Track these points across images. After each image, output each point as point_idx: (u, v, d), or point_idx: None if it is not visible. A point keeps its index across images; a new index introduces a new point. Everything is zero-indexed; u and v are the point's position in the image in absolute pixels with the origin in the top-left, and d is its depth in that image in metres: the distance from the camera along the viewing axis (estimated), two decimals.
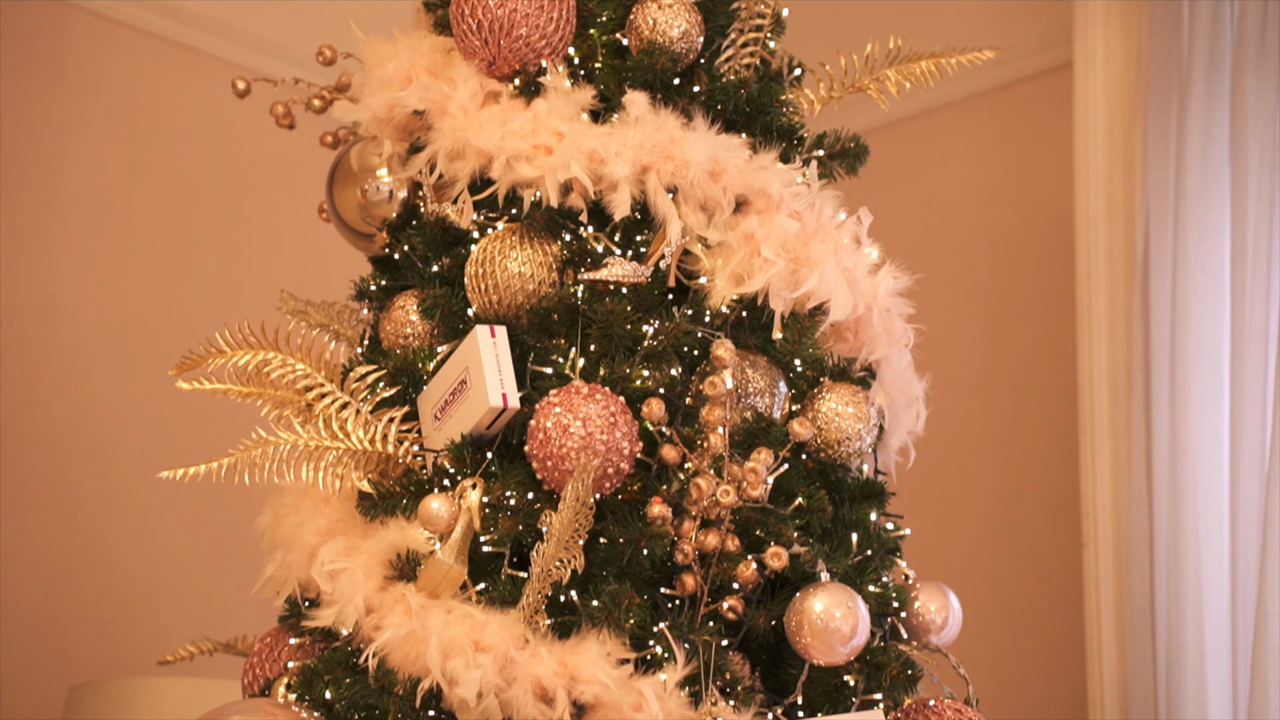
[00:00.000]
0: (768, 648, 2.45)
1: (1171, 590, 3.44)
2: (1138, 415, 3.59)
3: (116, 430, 4.01)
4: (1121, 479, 3.64)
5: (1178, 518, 3.45)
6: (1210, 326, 3.48)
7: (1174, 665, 3.40)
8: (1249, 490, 3.35)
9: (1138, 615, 3.52)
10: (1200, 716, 3.33)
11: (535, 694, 2.24)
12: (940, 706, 2.34)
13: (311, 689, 2.44)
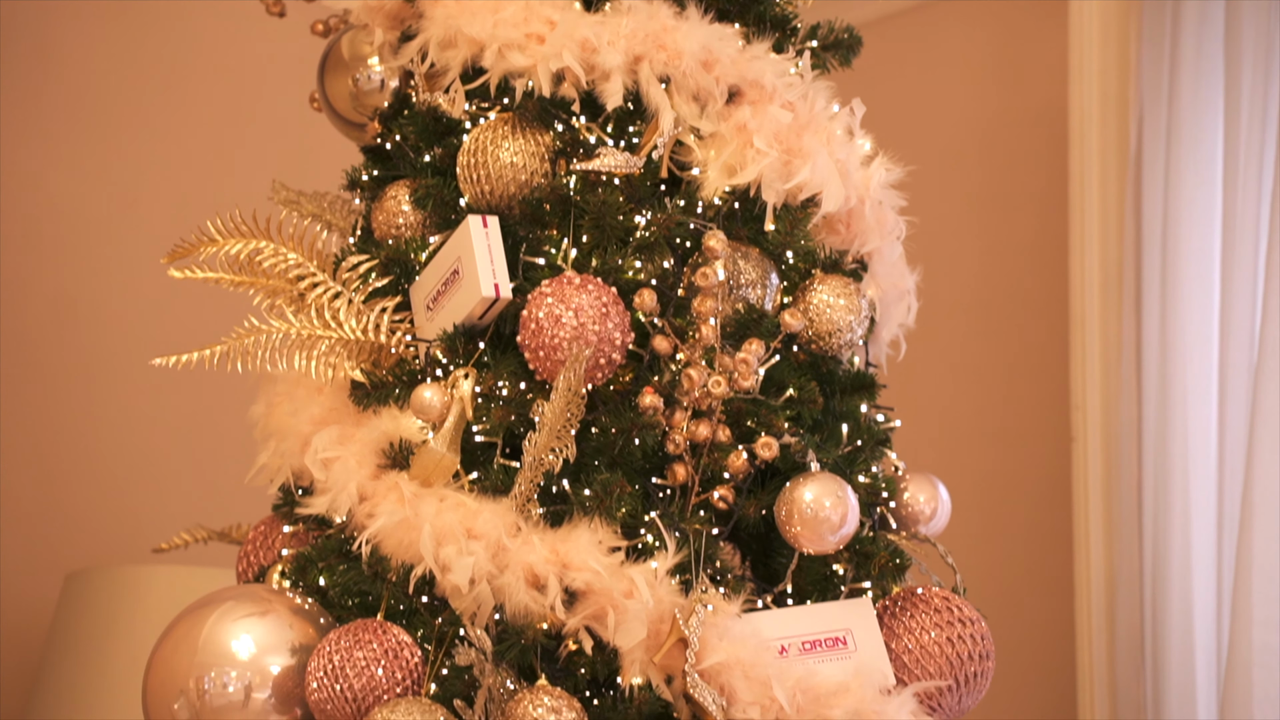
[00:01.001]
0: (758, 538, 2.47)
1: (1159, 484, 3.46)
2: (1128, 309, 3.59)
3: (111, 319, 4.02)
4: (1111, 373, 3.66)
5: (1166, 411, 3.47)
6: (1201, 222, 3.48)
7: (1159, 558, 3.43)
8: (1237, 384, 3.37)
9: (1125, 508, 3.55)
10: (1185, 607, 3.37)
11: (527, 581, 2.26)
12: (928, 595, 2.37)
13: (305, 576, 2.46)
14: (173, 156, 4.11)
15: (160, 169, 4.09)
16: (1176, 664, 3.36)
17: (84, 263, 4.01)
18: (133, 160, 4.08)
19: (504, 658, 2.25)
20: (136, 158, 4.08)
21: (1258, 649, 3.14)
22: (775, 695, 2.21)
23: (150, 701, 2.36)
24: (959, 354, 4.11)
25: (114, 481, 4.00)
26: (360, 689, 2.21)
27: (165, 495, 4.00)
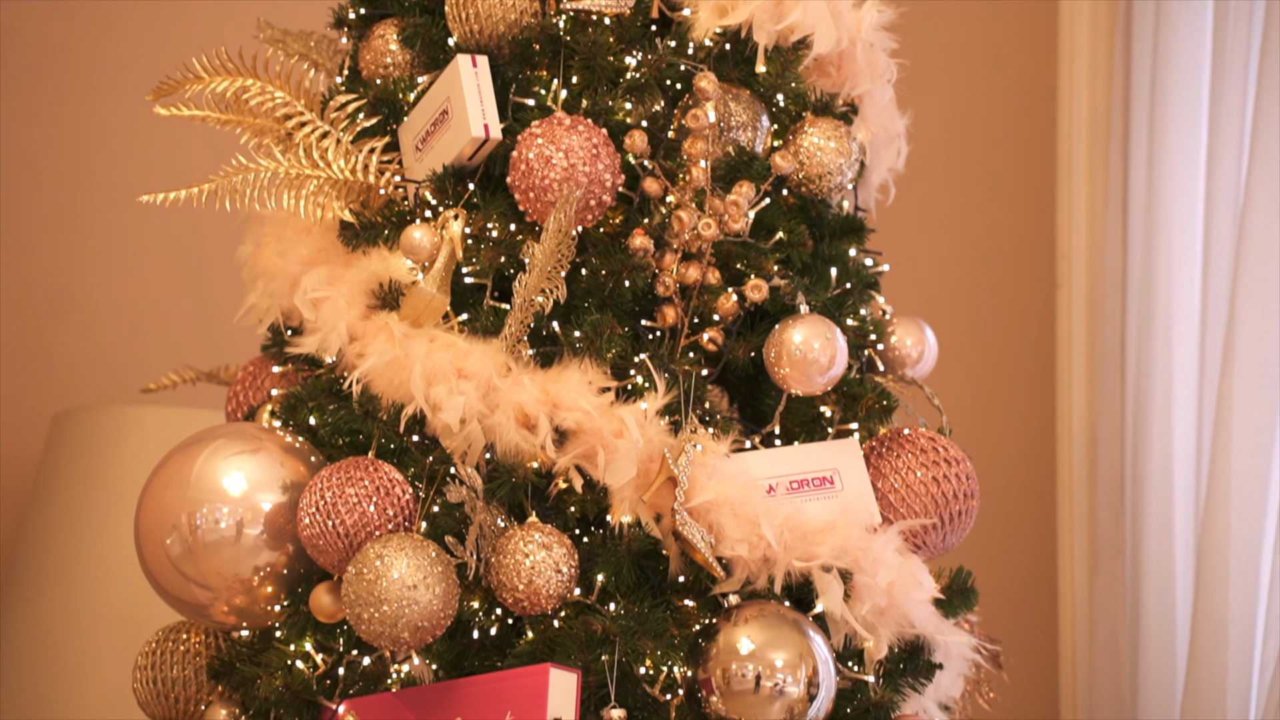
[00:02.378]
0: (745, 380, 2.48)
1: (1142, 331, 3.49)
2: (1115, 157, 3.59)
3: (98, 157, 3.99)
4: (1097, 220, 3.66)
5: (1151, 259, 3.48)
6: (1190, 68, 3.46)
7: (1141, 405, 3.46)
8: (1222, 232, 3.38)
9: (1108, 355, 3.57)
10: (1164, 452, 3.41)
11: (518, 420, 2.28)
12: (915, 435, 2.39)
13: (295, 415, 2.47)
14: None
15: (145, 2, 4.04)
16: (1155, 509, 3.41)
17: (70, 104, 3.97)
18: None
19: (494, 496, 2.27)
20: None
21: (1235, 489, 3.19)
22: (763, 533, 2.24)
23: (142, 538, 2.39)
24: (946, 200, 4.11)
25: (101, 321, 4.00)
26: (352, 525, 2.23)
27: (153, 336, 4.00)
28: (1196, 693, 3.21)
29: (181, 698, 2.48)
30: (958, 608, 2.42)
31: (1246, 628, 3.21)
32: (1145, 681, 3.35)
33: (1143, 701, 3.34)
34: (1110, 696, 3.45)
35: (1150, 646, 3.36)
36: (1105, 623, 3.49)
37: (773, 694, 2.18)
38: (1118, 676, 3.44)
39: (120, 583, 3.46)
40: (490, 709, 2.17)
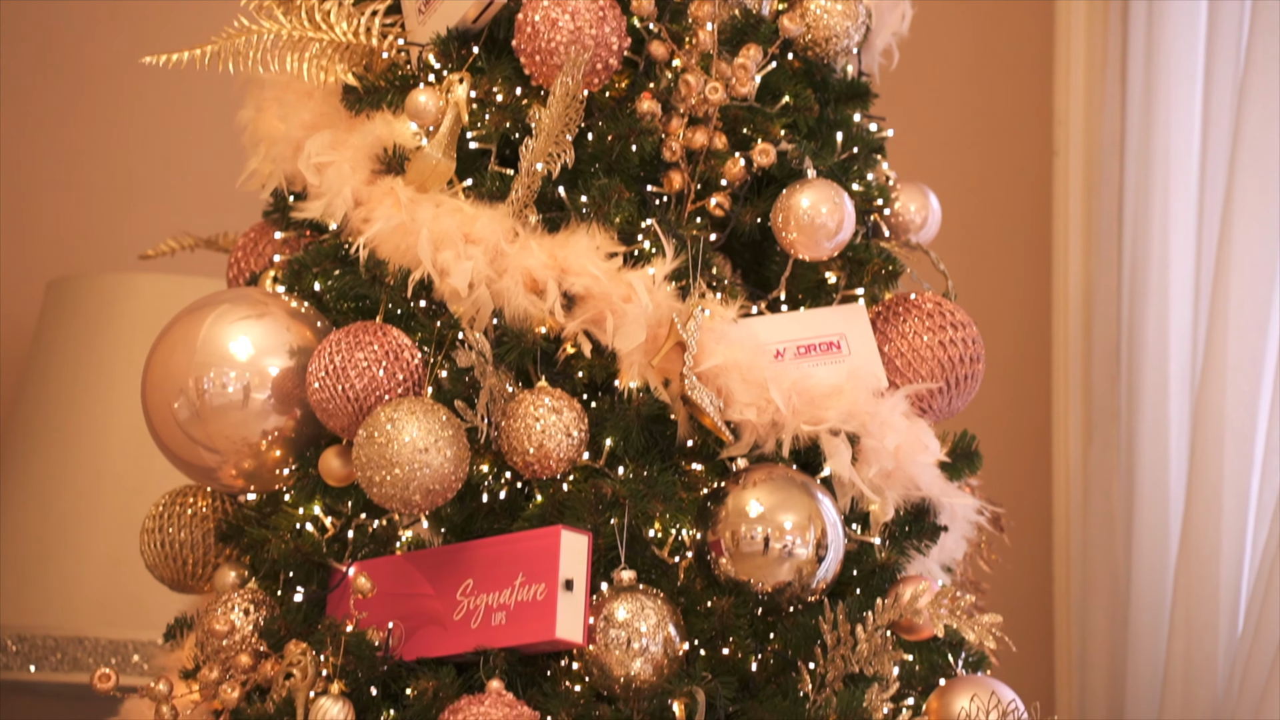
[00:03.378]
0: (750, 246, 2.48)
1: (1139, 196, 3.49)
2: (1114, 20, 3.57)
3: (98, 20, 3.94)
4: (1095, 86, 3.64)
5: (1149, 126, 3.47)
6: None
7: (1138, 267, 3.46)
8: (1221, 99, 3.37)
9: (1105, 221, 3.57)
10: (1161, 317, 3.42)
11: (526, 285, 2.27)
12: (920, 300, 2.40)
13: (299, 281, 2.47)
14: None
15: None
16: (1152, 375, 3.42)
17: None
18: None
19: (503, 361, 2.28)
20: None
21: (1232, 355, 3.21)
22: (771, 397, 2.25)
23: (149, 402, 2.39)
24: (946, 69, 4.08)
25: (98, 187, 3.97)
26: (362, 389, 2.24)
27: (150, 201, 3.97)
28: (1190, 559, 3.25)
29: (190, 560, 2.49)
30: (962, 471, 2.44)
31: (1241, 493, 3.24)
32: (1139, 548, 3.38)
33: (1136, 567, 3.38)
34: (1104, 562, 3.49)
35: (1145, 513, 3.39)
36: (1100, 489, 3.52)
37: (781, 556, 2.20)
38: (1111, 543, 3.48)
39: (119, 450, 3.47)
40: (501, 571, 2.19)
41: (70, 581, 3.43)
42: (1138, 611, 3.36)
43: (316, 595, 2.33)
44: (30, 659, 3.37)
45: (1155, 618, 3.34)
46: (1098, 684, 3.42)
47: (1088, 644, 3.48)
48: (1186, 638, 3.23)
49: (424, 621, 2.23)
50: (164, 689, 2.19)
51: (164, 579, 2.53)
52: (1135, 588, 3.38)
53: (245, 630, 2.28)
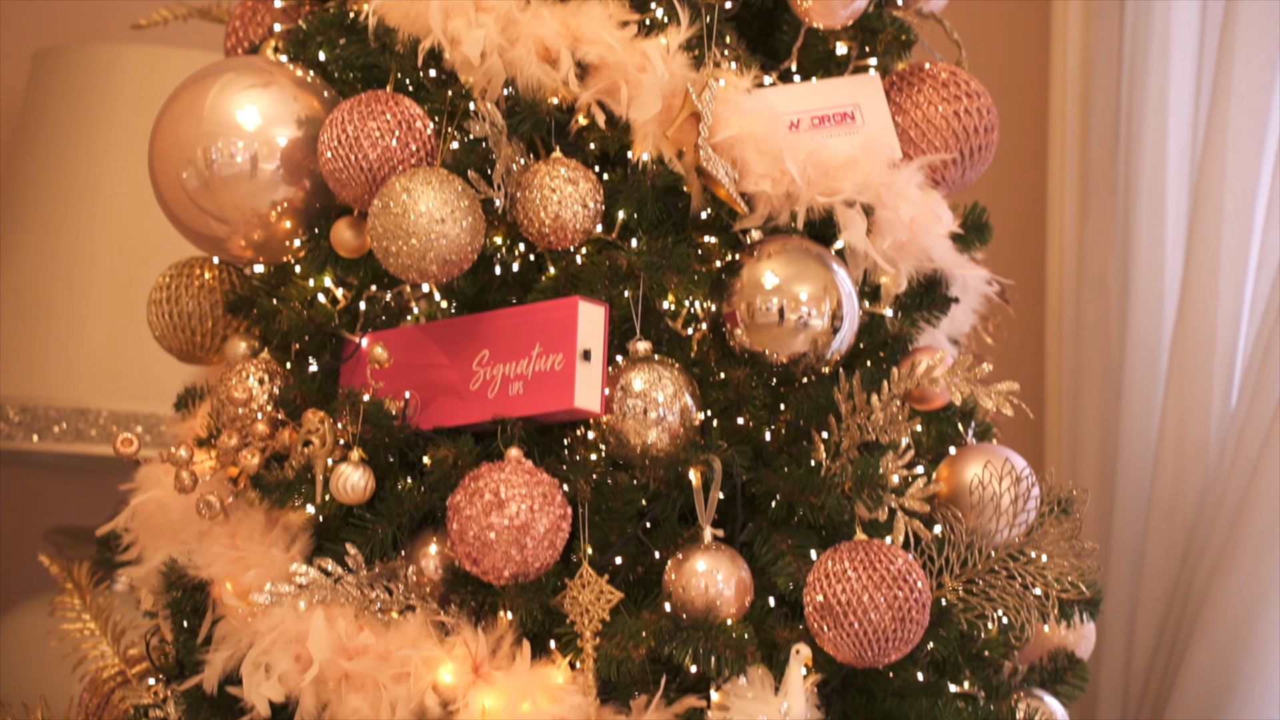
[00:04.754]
0: (760, 15, 2.44)
1: None
2: None
3: None
4: None
5: None
6: None
7: (1139, 39, 3.43)
8: None
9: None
10: (1161, 88, 3.39)
11: (539, 54, 2.24)
12: (934, 69, 2.38)
13: (304, 50, 2.43)
14: None
15: None
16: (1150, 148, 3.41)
17: None
18: None
19: (516, 132, 2.26)
20: None
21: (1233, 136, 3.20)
22: (786, 168, 2.24)
23: (157, 172, 2.37)
24: None
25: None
26: (376, 159, 2.21)
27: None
28: (1185, 337, 3.28)
29: (199, 331, 2.49)
30: (972, 242, 2.44)
31: (1238, 271, 3.27)
32: (1134, 326, 3.41)
33: (1130, 344, 3.41)
34: (1098, 340, 3.52)
35: (1140, 290, 3.41)
36: (1095, 265, 3.54)
37: (797, 326, 2.21)
38: (1105, 320, 3.51)
39: (111, 223, 3.45)
40: (518, 341, 2.20)
41: (71, 353, 3.43)
42: (1130, 387, 3.40)
43: (330, 366, 2.33)
44: (33, 429, 3.39)
45: (1148, 394, 3.38)
46: (1089, 460, 3.48)
47: (1079, 421, 3.52)
48: (1179, 413, 3.28)
49: (440, 392, 2.24)
50: (184, 455, 2.20)
51: (172, 350, 2.53)
52: (1129, 365, 3.41)
53: (261, 399, 2.29)
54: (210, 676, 2.18)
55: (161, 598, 2.28)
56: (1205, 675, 3.09)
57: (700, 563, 2.11)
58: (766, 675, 2.07)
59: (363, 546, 2.18)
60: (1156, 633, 3.25)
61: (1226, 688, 3.06)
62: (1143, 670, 3.26)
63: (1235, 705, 3.05)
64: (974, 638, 2.25)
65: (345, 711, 2.10)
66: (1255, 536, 3.07)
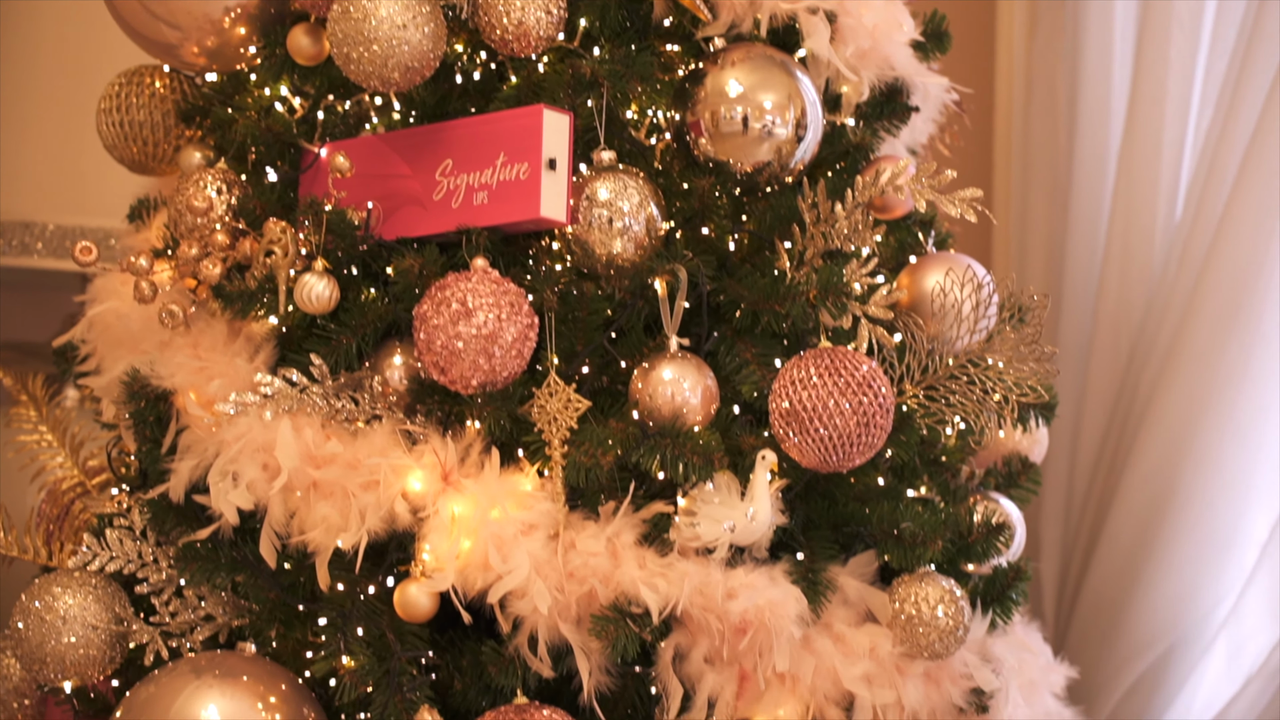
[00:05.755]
0: None
1: None
2: None
3: None
4: None
5: None
6: None
7: None
8: None
9: None
10: None
11: None
12: None
13: None
14: None
15: None
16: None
17: None
18: None
19: None
20: None
21: None
22: None
23: None
24: None
25: None
26: None
27: None
28: (1132, 148, 3.30)
29: (150, 140, 2.45)
30: (932, 51, 2.44)
31: (1186, 80, 3.27)
32: (1082, 135, 3.42)
33: (1078, 156, 3.42)
34: (1045, 151, 3.52)
35: (1088, 100, 3.41)
36: (1043, 74, 3.53)
37: (761, 135, 2.21)
38: (1054, 130, 3.51)
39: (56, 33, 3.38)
40: (482, 150, 2.18)
41: (14, 167, 3.37)
42: (1078, 198, 3.42)
43: (289, 176, 2.31)
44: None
45: (1095, 204, 3.40)
46: (1036, 271, 3.51)
47: (1027, 231, 3.54)
48: (1126, 224, 3.31)
49: (402, 202, 2.23)
50: (144, 264, 2.18)
51: (123, 160, 2.49)
52: (1076, 175, 3.43)
53: (220, 209, 2.27)
54: (176, 485, 2.19)
55: (124, 408, 2.27)
56: (1149, 478, 3.16)
57: (667, 371, 2.13)
58: (733, 481, 2.10)
59: (327, 357, 2.18)
60: (1101, 439, 3.31)
61: (1169, 490, 3.13)
62: (1087, 475, 3.33)
63: (1178, 506, 3.13)
64: (933, 443, 2.29)
65: (314, 519, 2.12)
66: (1199, 344, 3.12)
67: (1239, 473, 3.10)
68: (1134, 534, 3.17)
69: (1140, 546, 3.16)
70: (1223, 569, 3.14)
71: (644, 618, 2.04)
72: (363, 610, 2.12)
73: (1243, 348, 3.10)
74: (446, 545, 2.05)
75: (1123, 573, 3.18)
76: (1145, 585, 3.15)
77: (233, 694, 2.09)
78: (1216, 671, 3.20)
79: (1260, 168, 3.06)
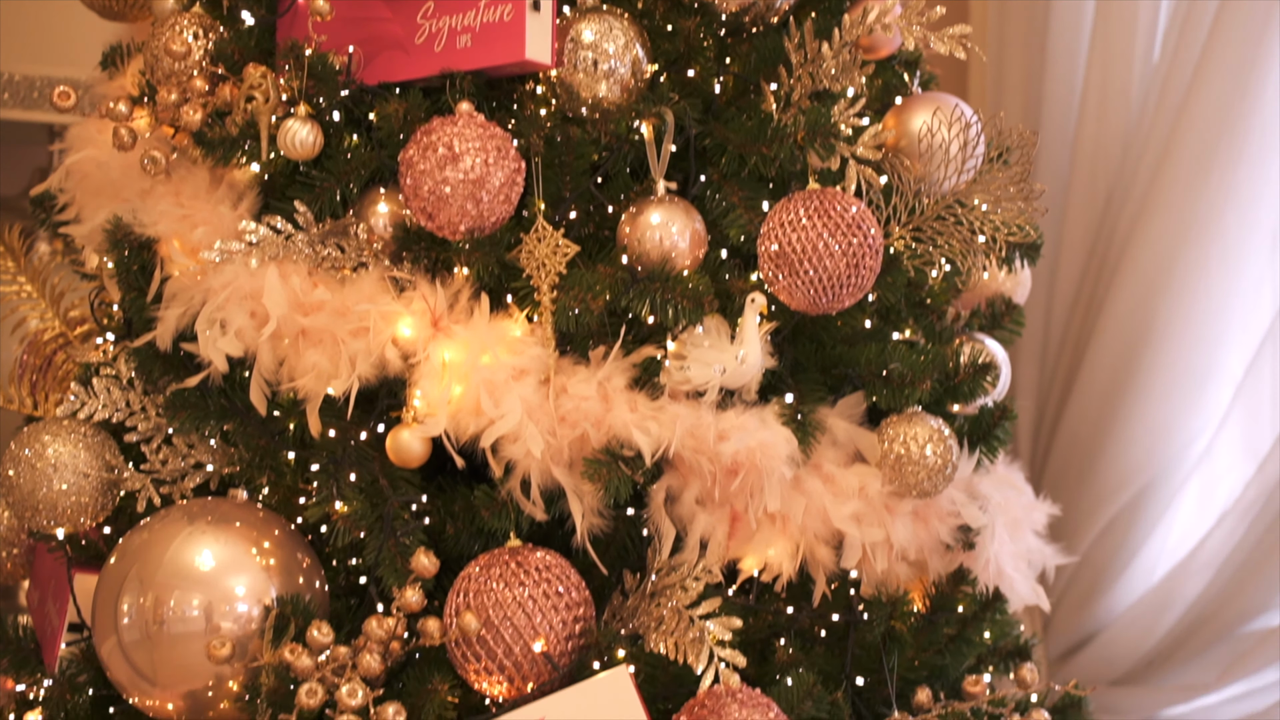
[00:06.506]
0: None
1: None
2: None
3: None
4: None
5: None
6: None
7: None
8: None
9: None
10: None
11: None
12: None
13: None
14: None
15: None
16: None
17: None
18: None
19: None
20: None
21: None
22: None
23: None
24: None
25: None
26: None
27: None
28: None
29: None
30: None
31: None
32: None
33: (1055, 3, 3.39)
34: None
35: None
36: None
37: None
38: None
39: None
40: None
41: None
42: (1056, 39, 3.39)
43: (266, 20, 2.27)
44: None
45: (1072, 44, 3.38)
46: (1013, 111, 3.49)
47: (1004, 71, 3.52)
48: (1104, 64, 3.30)
49: (384, 46, 2.19)
50: (123, 109, 2.14)
51: (94, 6, 2.45)
52: (1053, 16, 3.39)
53: (197, 54, 2.23)
54: (163, 333, 2.18)
55: (107, 256, 2.25)
56: (1126, 318, 3.18)
57: (654, 215, 2.12)
58: (722, 324, 2.10)
59: (311, 204, 2.16)
60: (1078, 280, 3.33)
61: (1145, 330, 3.16)
62: (1063, 316, 3.35)
63: (1154, 346, 3.16)
64: (920, 285, 2.29)
65: (304, 366, 2.11)
66: (1176, 186, 3.13)
67: (1214, 312, 3.13)
68: (1110, 374, 3.20)
69: (1116, 387, 3.19)
70: (1198, 407, 3.17)
71: (636, 460, 2.05)
72: (354, 456, 2.12)
73: (1220, 188, 3.11)
74: (438, 391, 2.06)
75: (1099, 413, 3.22)
76: (1121, 425, 3.19)
77: (227, 539, 2.10)
78: (1190, 509, 3.25)
79: (1239, 7, 3.05)
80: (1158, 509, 3.21)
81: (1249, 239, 3.12)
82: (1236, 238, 3.13)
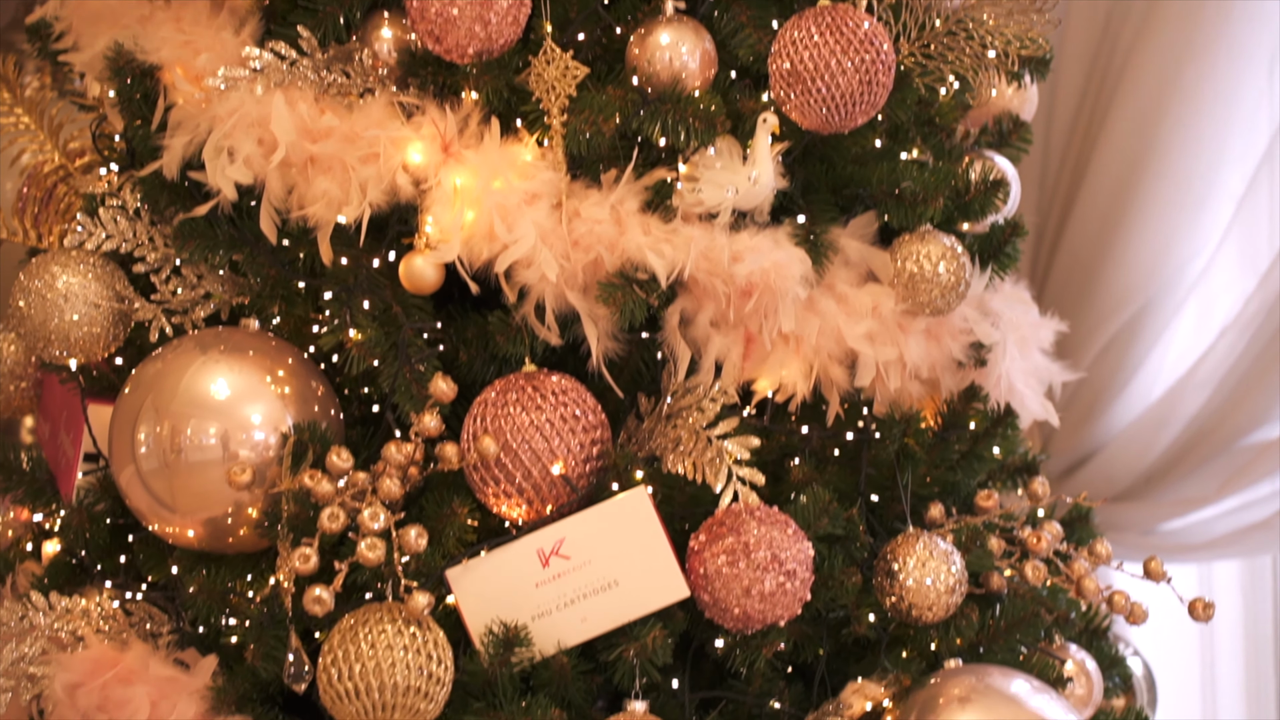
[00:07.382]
0: None
1: None
2: None
3: None
4: None
5: None
6: None
7: None
8: None
9: None
10: None
11: None
12: None
13: None
14: None
15: None
16: None
17: None
18: None
19: None
20: None
21: None
22: None
23: None
24: None
25: None
26: None
27: None
28: None
29: None
30: None
31: None
32: None
33: None
34: None
35: None
36: None
37: None
38: None
39: None
40: None
41: None
42: None
43: None
44: None
45: None
46: None
47: None
48: None
49: None
50: None
51: None
52: None
53: None
54: (170, 162, 2.16)
55: (109, 85, 2.22)
56: (1127, 136, 3.17)
57: (664, 35, 2.10)
58: (734, 145, 2.09)
59: (314, 29, 2.13)
60: (1078, 99, 3.30)
61: (1146, 148, 3.15)
62: (1063, 136, 3.33)
63: (1155, 163, 3.15)
64: (930, 103, 2.27)
65: (314, 194, 2.10)
66: (1176, 3, 3.10)
67: (1216, 127, 3.12)
68: (1111, 193, 3.20)
69: (1117, 204, 3.19)
70: (1197, 224, 3.18)
71: (650, 283, 2.05)
72: (367, 283, 2.12)
73: (1220, 5, 3.08)
74: (450, 216, 2.05)
75: (1100, 232, 3.22)
76: (1121, 243, 3.19)
77: (240, 368, 2.10)
78: (1189, 326, 3.27)
79: None
80: (1157, 327, 3.23)
81: (1249, 57, 3.10)
82: (1237, 54, 3.10)
